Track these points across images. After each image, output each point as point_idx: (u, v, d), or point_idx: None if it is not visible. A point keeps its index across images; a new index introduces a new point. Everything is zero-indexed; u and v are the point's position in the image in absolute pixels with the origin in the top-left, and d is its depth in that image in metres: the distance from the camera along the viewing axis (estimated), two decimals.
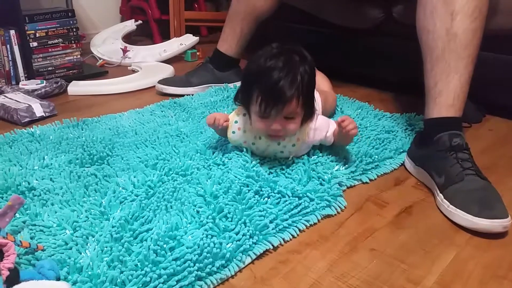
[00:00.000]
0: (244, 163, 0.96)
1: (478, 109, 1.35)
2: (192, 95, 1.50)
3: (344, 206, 0.89)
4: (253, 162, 0.97)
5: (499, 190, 0.87)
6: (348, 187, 0.96)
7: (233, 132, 0.99)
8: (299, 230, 0.80)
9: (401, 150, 1.09)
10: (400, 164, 1.06)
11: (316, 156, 1.01)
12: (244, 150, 1.01)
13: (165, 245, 0.72)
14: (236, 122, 0.99)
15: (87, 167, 0.99)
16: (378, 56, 1.57)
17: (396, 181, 1.01)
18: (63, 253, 0.71)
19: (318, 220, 0.84)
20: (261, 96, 0.87)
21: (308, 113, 0.93)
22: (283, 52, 0.90)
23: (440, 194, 0.90)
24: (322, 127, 0.99)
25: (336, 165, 1.00)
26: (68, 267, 0.67)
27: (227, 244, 0.73)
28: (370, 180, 0.99)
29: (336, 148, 1.03)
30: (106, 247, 0.72)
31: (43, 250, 0.72)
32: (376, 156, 1.04)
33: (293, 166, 0.99)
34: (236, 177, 0.92)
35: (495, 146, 1.19)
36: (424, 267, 0.73)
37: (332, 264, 0.73)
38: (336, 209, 0.87)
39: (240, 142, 1.00)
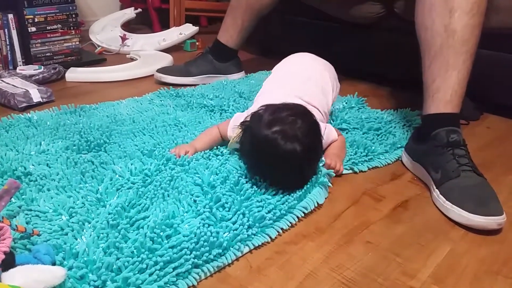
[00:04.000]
0: None
1: (476, 107, 1.35)
2: (194, 86, 1.49)
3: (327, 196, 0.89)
4: None
5: (495, 187, 0.87)
6: (344, 180, 0.97)
7: (237, 142, 0.95)
8: (297, 218, 0.81)
9: (398, 145, 1.09)
10: (396, 159, 1.06)
11: None
12: None
13: (161, 233, 0.72)
14: (237, 142, 0.95)
15: (84, 154, 0.98)
16: (378, 51, 1.57)
17: (393, 175, 1.01)
18: (59, 238, 0.71)
19: (314, 209, 0.85)
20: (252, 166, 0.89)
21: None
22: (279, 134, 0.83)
23: (436, 190, 0.90)
24: (328, 137, 0.99)
25: None
26: (63, 252, 0.67)
27: (224, 233, 0.73)
28: (361, 171, 1.00)
29: None
30: (102, 234, 0.72)
31: (38, 235, 0.71)
32: (372, 150, 1.05)
33: None
34: (234, 167, 0.92)
35: (493, 144, 1.19)
36: (419, 261, 0.73)
37: (327, 255, 0.73)
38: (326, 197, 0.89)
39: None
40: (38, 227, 0.73)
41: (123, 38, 1.91)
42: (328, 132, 0.99)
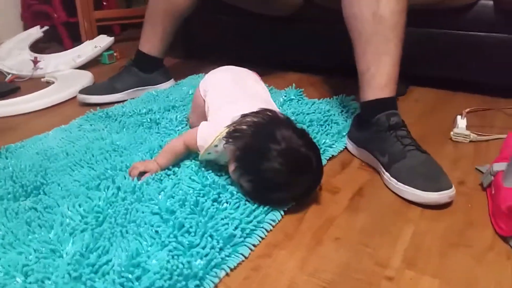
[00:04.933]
0: (196, 170, 0.94)
1: (401, 82, 1.41)
2: (123, 102, 1.42)
3: None
4: (203, 169, 0.95)
5: (436, 159, 0.92)
6: None
7: (209, 153, 0.91)
8: (266, 230, 0.80)
9: (343, 133, 1.12)
10: (344, 147, 1.09)
11: None
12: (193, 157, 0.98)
13: (130, 276, 0.68)
14: (216, 145, 0.89)
15: (22, 201, 0.90)
16: (303, 41, 1.59)
17: (343, 164, 1.04)
18: None
19: (282, 216, 0.84)
20: (254, 190, 0.85)
21: None
22: (291, 164, 0.81)
23: (386, 173, 0.94)
24: None
25: None
26: None
27: (196, 261, 0.70)
28: None
29: None
30: None
31: None
32: (323, 142, 1.07)
33: None
34: (189, 187, 0.89)
35: (424, 116, 1.27)
36: (387, 248, 0.76)
37: (302, 262, 0.74)
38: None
39: (210, 159, 0.94)
40: None
41: (35, 62, 1.76)
42: None
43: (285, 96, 1.36)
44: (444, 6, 1.31)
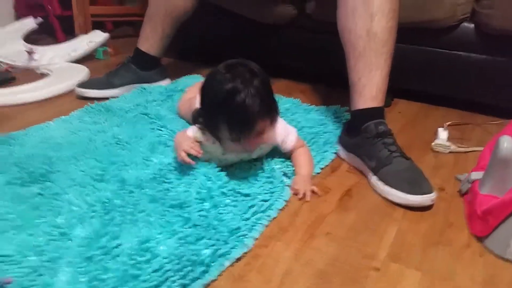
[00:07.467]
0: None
1: (387, 94, 1.49)
2: (118, 97, 1.46)
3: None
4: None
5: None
6: None
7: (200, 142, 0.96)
8: (265, 226, 0.86)
9: (335, 142, 1.19)
10: (335, 153, 1.16)
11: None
12: None
13: (140, 258, 0.73)
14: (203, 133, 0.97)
15: (29, 187, 0.94)
16: (293, 49, 1.67)
17: (332, 167, 1.11)
18: (35, 280, 0.69)
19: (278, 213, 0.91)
20: (228, 125, 0.88)
21: (274, 116, 0.95)
22: (235, 74, 0.88)
23: (374, 176, 1.01)
24: (280, 131, 1.02)
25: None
26: None
27: (203, 251, 0.76)
28: (317, 173, 1.07)
29: None
30: (80, 268, 0.71)
31: (9, 283, 0.69)
32: (316, 150, 1.13)
33: (239, 164, 1.04)
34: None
35: (407, 127, 1.35)
36: (374, 244, 0.83)
37: (296, 253, 0.80)
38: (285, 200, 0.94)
39: (205, 159, 0.98)
40: (7, 273, 0.70)
41: (30, 53, 1.79)
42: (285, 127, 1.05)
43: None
44: (430, 26, 1.40)
